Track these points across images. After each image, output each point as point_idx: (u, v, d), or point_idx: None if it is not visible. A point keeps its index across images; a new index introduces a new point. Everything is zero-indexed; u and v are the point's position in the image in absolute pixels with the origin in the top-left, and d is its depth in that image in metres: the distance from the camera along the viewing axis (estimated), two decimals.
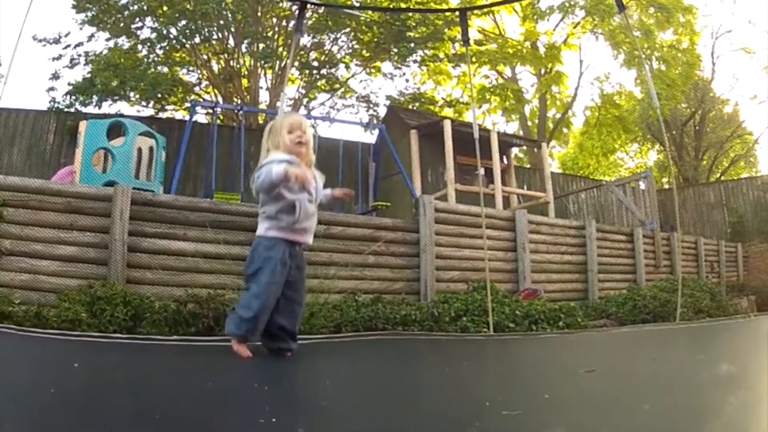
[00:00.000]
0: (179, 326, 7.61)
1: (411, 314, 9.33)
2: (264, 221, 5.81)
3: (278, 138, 5.83)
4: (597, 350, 7.80)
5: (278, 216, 5.67)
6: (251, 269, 5.67)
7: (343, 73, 26.77)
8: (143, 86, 20.34)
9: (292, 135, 5.80)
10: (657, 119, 24.47)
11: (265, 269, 5.52)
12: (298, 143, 5.79)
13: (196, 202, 9.68)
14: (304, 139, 5.84)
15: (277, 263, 5.53)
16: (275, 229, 5.69)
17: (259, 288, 5.49)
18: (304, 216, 5.70)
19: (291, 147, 5.76)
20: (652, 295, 13.45)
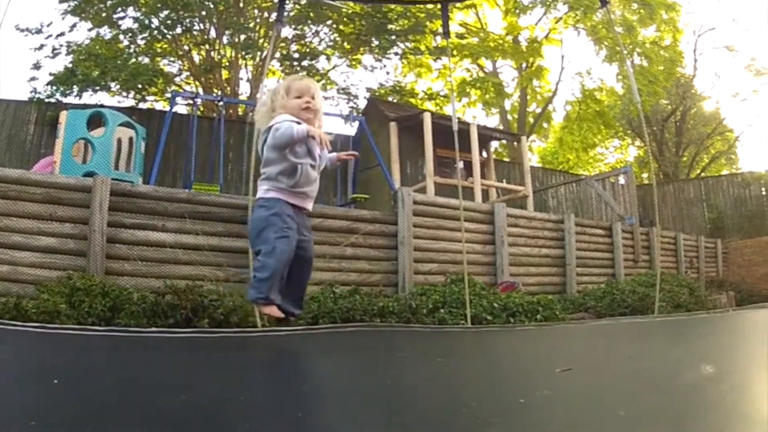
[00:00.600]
0: (158, 317, 7.52)
1: (388, 306, 9.27)
2: (263, 183, 5.64)
3: (285, 101, 5.61)
4: (575, 342, 7.81)
5: (278, 177, 5.51)
6: (255, 231, 5.58)
7: (324, 65, 26.85)
8: (124, 76, 20.30)
9: (299, 100, 5.59)
10: (638, 115, 24.57)
11: (271, 227, 5.37)
12: (305, 109, 5.58)
13: (175, 193, 9.64)
14: (312, 105, 5.62)
15: (280, 217, 5.41)
16: (274, 190, 5.53)
17: (268, 246, 5.33)
18: (305, 180, 5.57)
19: (297, 112, 5.53)
20: (630, 290, 13.48)
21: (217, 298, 7.98)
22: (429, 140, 18.57)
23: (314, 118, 5.65)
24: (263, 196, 5.55)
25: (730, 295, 17.83)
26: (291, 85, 5.69)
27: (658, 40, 31.20)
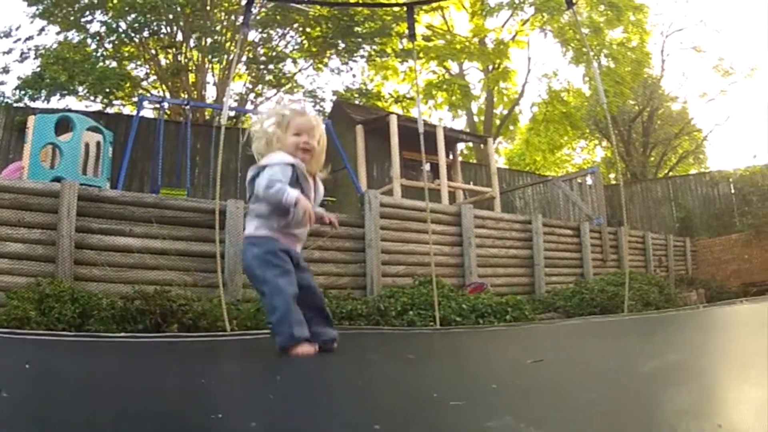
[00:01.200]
0: (127, 323, 7.51)
1: (357, 309, 9.32)
2: (253, 219, 5.34)
3: (283, 135, 5.29)
4: (545, 342, 7.83)
5: (269, 217, 5.20)
6: (252, 272, 5.24)
7: (291, 69, 26.80)
8: (91, 80, 20.22)
9: (297, 138, 5.26)
10: (604, 116, 24.69)
11: (266, 265, 5.07)
12: (302, 149, 5.25)
13: (142, 198, 9.64)
14: (309, 146, 5.28)
15: (275, 254, 5.10)
16: (265, 228, 5.24)
17: (270, 285, 5.02)
18: (295, 223, 5.22)
19: (293, 151, 5.22)
20: (599, 289, 13.56)
21: (185, 302, 7.97)
22: (395, 143, 18.55)
23: (311, 158, 5.36)
24: (253, 234, 5.30)
25: (699, 292, 17.95)
26: (291, 120, 5.35)
27: (625, 41, 31.30)
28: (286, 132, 5.27)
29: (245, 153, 14.93)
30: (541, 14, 28.56)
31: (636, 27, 31.28)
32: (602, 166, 36.84)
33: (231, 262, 9.66)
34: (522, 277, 14.88)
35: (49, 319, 7.14)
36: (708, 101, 38.17)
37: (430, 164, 19.81)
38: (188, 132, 16.50)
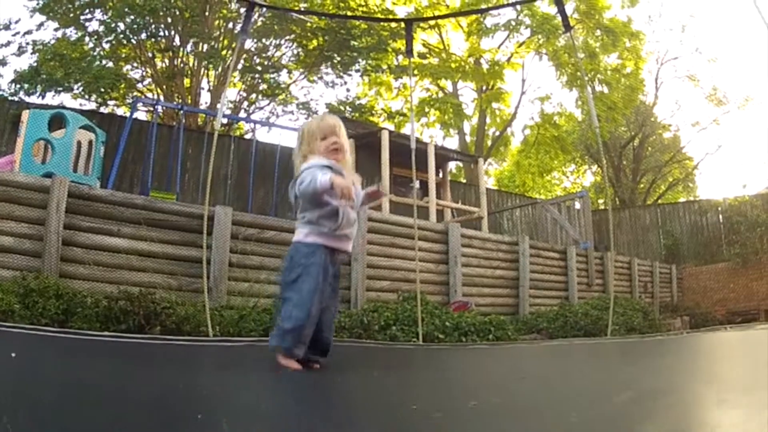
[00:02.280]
0: (110, 322, 7.52)
1: (341, 321, 9.34)
2: (303, 226, 5.30)
3: (313, 145, 5.37)
4: (526, 361, 7.85)
5: (319, 221, 5.18)
6: (290, 277, 5.14)
7: (285, 79, 26.81)
8: (87, 79, 20.21)
9: (326, 141, 5.34)
10: (596, 141, 24.73)
11: (307, 277, 5.02)
12: (333, 150, 5.33)
13: (132, 198, 9.61)
14: (338, 145, 5.37)
15: (319, 270, 5.05)
16: (315, 234, 5.19)
17: (301, 297, 4.97)
18: (346, 223, 5.21)
19: (326, 154, 5.29)
20: (583, 312, 13.56)
21: (169, 306, 7.99)
22: (386, 158, 18.54)
23: (342, 156, 5.43)
24: (303, 241, 5.24)
25: (684, 319, 18.04)
26: (318, 126, 5.48)
27: (620, 67, 31.38)
28: (315, 141, 5.35)
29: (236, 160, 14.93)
30: (537, 37, 28.65)
31: (631, 53, 31.39)
32: (591, 191, 36.89)
33: (217, 268, 9.68)
34: (506, 297, 14.93)
35: (32, 313, 7.15)
36: (700, 130, 38.20)
37: (419, 181, 19.83)
38: (181, 136, 16.51)
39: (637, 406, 3.43)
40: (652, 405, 3.46)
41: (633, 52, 31.42)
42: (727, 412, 3.23)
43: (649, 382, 4.60)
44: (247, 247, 10.21)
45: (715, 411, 3.36)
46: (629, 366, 6.71)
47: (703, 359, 7.94)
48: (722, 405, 3.50)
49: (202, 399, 3.64)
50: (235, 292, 9.75)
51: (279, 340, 4.98)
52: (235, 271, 9.97)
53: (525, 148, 35.13)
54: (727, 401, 3.59)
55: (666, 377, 5.16)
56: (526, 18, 28.23)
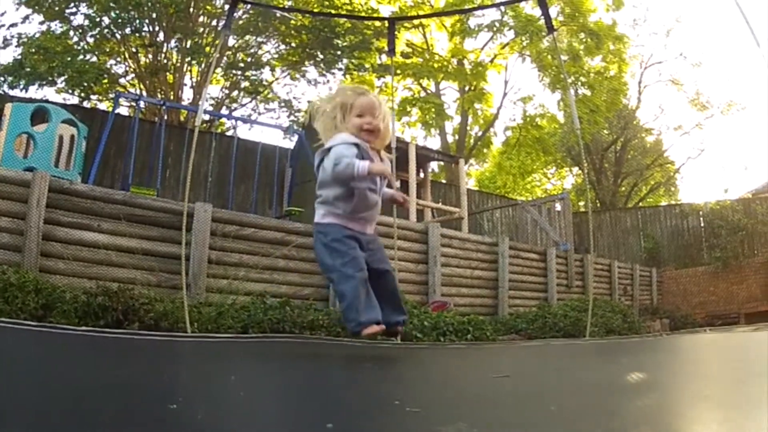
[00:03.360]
0: (89, 318, 7.49)
1: (319, 319, 9.34)
2: (320, 207, 5.38)
3: (347, 117, 5.26)
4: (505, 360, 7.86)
5: (335, 202, 5.22)
6: (321, 260, 5.35)
7: (268, 77, 26.83)
8: (71, 73, 20.18)
9: (361, 120, 5.21)
10: (577, 143, 24.83)
11: (333, 253, 5.11)
12: (366, 131, 5.21)
13: (112, 194, 9.58)
14: (373, 126, 5.23)
15: (341, 242, 5.12)
16: (331, 215, 5.26)
17: (338, 273, 5.08)
18: (363, 205, 5.20)
19: (357, 132, 5.19)
20: (562, 314, 13.59)
21: (148, 302, 7.97)
22: None
23: (375, 138, 5.32)
24: (320, 221, 5.34)
25: (663, 322, 18.12)
26: (355, 101, 5.29)
27: (603, 70, 31.47)
28: (350, 113, 5.24)
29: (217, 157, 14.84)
30: (521, 38, 28.69)
31: (615, 57, 31.47)
32: (572, 193, 36.94)
33: (196, 264, 9.68)
34: (486, 298, 14.98)
35: (11, 308, 7.10)
36: (682, 134, 38.30)
37: (400, 181, 19.84)
38: (162, 132, 16.47)
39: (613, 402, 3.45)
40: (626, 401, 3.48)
41: (617, 56, 31.51)
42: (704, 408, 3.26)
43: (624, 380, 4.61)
44: (227, 244, 10.21)
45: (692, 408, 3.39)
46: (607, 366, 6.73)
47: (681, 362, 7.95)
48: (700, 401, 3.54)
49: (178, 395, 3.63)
50: (214, 288, 9.74)
51: (348, 323, 5.09)
52: (214, 268, 9.95)
53: (506, 150, 35.15)
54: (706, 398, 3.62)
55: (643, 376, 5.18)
56: (510, 19, 28.27)
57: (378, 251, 5.48)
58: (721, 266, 23.37)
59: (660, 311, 21.10)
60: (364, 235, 5.27)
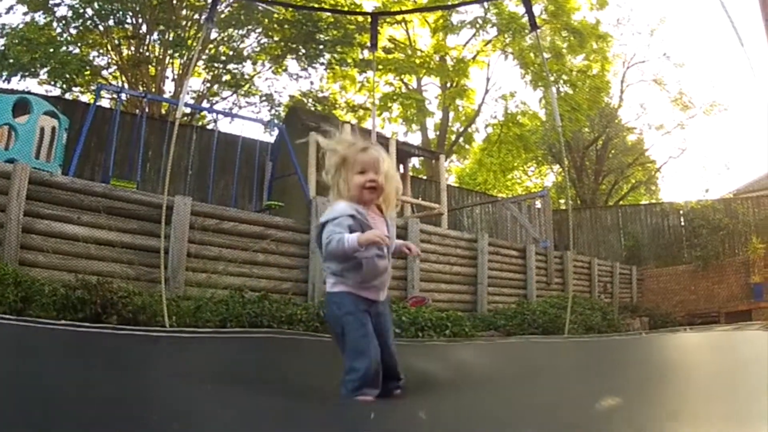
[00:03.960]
0: (68, 311, 7.47)
1: (297, 314, 9.37)
2: (329, 276, 4.82)
3: (348, 176, 4.72)
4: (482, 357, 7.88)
5: (343, 274, 4.69)
6: (336, 332, 4.77)
7: (249, 71, 26.84)
8: (53, 64, 20.15)
9: (363, 177, 4.68)
10: (558, 140, 24.87)
11: (350, 326, 4.59)
12: (369, 188, 4.69)
13: (92, 186, 9.58)
14: (375, 183, 4.70)
15: (355, 316, 4.60)
16: (341, 284, 4.71)
17: (352, 348, 4.57)
18: (372, 274, 4.68)
19: (358, 192, 4.70)
20: (542, 311, 13.66)
21: (126, 295, 7.97)
22: None
23: (378, 196, 4.82)
24: (332, 291, 4.78)
25: (643, 320, 18.20)
26: (356, 157, 4.78)
27: (585, 68, 31.51)
28: (352, 170, 4.74)
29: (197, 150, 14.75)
30: (503, 35, 28.72)
31: (598, 55, 31.51)
32: (553, 191, 36.96)
33: (175, 258, 9.68)
34: (464, 294, 15.02)
35: None
36: (664, 134, 38.34)
37: None
38: (143, 125, 16.40)
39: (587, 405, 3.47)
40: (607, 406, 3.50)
41: (600, 54, 31.54)
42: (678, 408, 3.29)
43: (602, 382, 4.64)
44: (206, 238, 10.21)
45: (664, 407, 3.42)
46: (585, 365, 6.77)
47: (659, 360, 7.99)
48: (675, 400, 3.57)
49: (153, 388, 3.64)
50: (193, 282, 9.75)
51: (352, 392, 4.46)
52: (193, 262, 9.96)
53: (487, 146, 35.11)
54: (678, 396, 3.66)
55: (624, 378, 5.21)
56: (493, 16, 28.30)
57: (385, 320, 4.94)
58: (702, 265, 23.51)
59: (640, 309, 21.18)
60: (375, 304, 4.79)
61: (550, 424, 2.98)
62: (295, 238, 11.62)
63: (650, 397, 3.97)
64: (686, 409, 3.50)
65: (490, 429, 2.90)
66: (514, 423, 3.09)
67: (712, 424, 3.02)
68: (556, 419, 3.14)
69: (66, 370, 4.01)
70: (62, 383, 3.45)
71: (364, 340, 4.53)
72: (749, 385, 4.52)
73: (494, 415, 3.36)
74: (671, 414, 3.32)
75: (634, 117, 40.05)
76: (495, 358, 8.00)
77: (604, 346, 10.57)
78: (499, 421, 3.15)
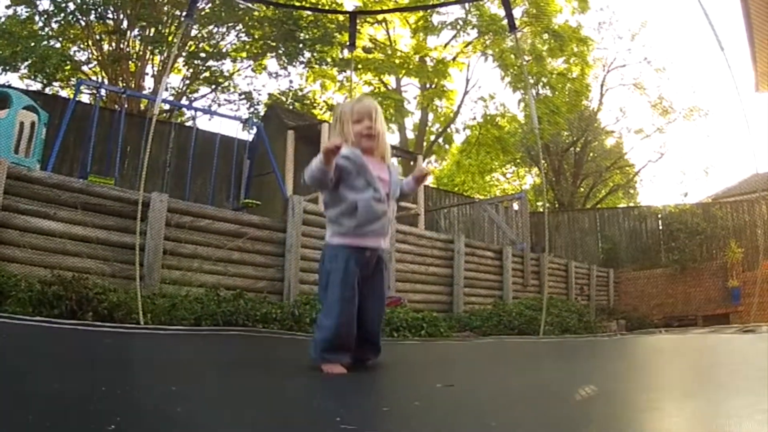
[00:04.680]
0: (44, 307, 7.45)
1: (272, 313, 9.40)
2: (328, 226, 5.02)
3: (347, 128, 4.94)
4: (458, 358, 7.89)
5: (339, 220, 4.84)
6: (321, 282, 4.96)
7: (229, 68, 26.88)
8: (34, 59, 20.12)
9: (360, 125, 4.90)
10: (536, 142, 24.95)
11: (332, 283, 4.72)
12: (366, 136, 4.90)
13: (69, 182, 9.51)
14: (373, 130, 4.92)
15: (342, 274, 4.71)
16: (338, 235, 4.86)
17: (327, 305, 4.76)
18: (369, 218, 4.76)
19: (358, 140, 4.89)
20: (518, 312, 13.74)
21: (102, 292, 7.97)
22: None
23: (374, 141, 4.98)
24: (328, 242, 4.98)
25: (620, 322, 18.30)
26: (353, 108, 5.01)
27: (565, 71, 31.59)
28: (349, 124, 4.95)
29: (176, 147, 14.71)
30: (484, 37, 28.77)
31: (578, 58, 31.57)
32: (531, 193, 37.07)
33: (151, 255, 9.67)
34: (440, 294, 15.04)
35: None
36: (643, 138, 38.50)
37: None
38: (122, 121, 16.36)
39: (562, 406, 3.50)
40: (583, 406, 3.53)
41: (580, 58, 31.61)
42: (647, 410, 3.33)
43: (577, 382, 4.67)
44: (182, 235, 10.21)
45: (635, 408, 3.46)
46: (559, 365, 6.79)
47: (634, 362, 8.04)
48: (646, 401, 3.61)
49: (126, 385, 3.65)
50: (168, 280, 9.75)
51: (314, 351, 4.73)
52: (168, 259, 9.96)
53: (466, 148, 35.13)
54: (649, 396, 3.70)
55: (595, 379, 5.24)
56: (473, 18, 28.36)
57: (378, 281, 5.07)
58: (679, 269, 23.69)
59: (617, 312, 21.38)
60: (375, 252, 4.92)
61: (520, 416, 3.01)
62: (272, 237, 11.63)
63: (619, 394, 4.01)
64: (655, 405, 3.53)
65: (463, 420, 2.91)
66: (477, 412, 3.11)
67: (679, 420, 3.06)
68: (527, 411, 3.17)
69: (39, 367, 4.02)
70: (34, 379, 3.46)
71: (342, 302, 4.63)
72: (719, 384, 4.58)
73: (465, 405, 3.38)
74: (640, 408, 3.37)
75: (613, 121, 40.18)
76: (469, 355, 8.04)
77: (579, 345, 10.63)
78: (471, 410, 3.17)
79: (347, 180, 4.79)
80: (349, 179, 4.78)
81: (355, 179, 4.78)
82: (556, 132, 31.91)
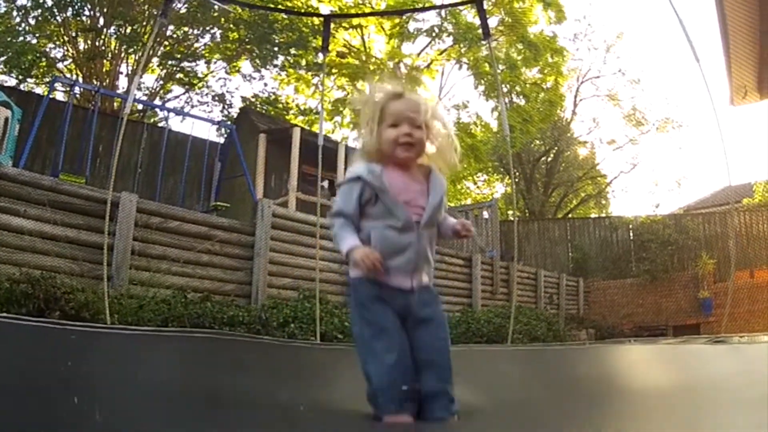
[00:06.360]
0: (11, 305, 7.44)
1: (239, 316, 9.43)
2: None
3: (379, 129, 3.71)
4: None
5: None
6: (352, 325, 3.74)
7: (203, 70, 26.86)
8: (10, 54, 20.06)
9: (396, 130, 3.65)
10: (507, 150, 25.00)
11: (359, 320, 3.62)
12: (404, 144, 3.65)
13: (39, 179, 9.47)
14: (413, 139, 3.65)
15: (368, 309, 3.59)
16: (356, 267, 3.58)
17: (362, 347, 3.59)
18: (387, 252, 3.54)
19: (391, 149, 3.68)
20: (486, 320, 13.74)
21: (69, 291, 7.95)
22: (296, 155, 18.80)
23: (416, 153, 3.71)
24: (349, 276, 3.78)
25: (590, 332, 18.37)
26: (387, 106, 3.73)
27: (539, 81, 31.69)
28: (384, 125, 3.70)
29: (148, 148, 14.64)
30: (459, 45, 28.81)
31: (552, 69, 31.64)
32: (501, 201, 37.10)
33: (119, 255, 9.65)
34: None
35: None
36: (616, 149, 38.68)
37: (328, 181, 19.93)
38: (94, 119, 16.32)
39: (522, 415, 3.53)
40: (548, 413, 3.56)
41: (555, 68, 31.69)
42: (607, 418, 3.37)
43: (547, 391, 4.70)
44: (150, 236, 10.19)
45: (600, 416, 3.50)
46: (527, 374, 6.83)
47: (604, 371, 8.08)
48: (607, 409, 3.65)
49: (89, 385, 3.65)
50: (136, 280, 9.71)
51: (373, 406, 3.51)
52: (137, 260, 9.94)
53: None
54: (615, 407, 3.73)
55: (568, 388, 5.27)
56: (449, 25, 28.41)
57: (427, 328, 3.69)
58: (650, 279, 23.75)
59: (586, 321, 21.42)
60: (408, 295, 3.64)
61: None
62: (240, 240, 11.63)
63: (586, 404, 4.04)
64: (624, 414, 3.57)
65: None
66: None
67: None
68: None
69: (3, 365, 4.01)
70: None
71: (378, 340, 3.52)
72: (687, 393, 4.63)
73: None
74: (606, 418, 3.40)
75: (586, 131, 40.30)
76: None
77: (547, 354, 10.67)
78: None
79: (365, 207, 3.63)
80: (367, 206, 3.63)
81: (373, 206, 3.63)
82: (529, 141, 31.99)
